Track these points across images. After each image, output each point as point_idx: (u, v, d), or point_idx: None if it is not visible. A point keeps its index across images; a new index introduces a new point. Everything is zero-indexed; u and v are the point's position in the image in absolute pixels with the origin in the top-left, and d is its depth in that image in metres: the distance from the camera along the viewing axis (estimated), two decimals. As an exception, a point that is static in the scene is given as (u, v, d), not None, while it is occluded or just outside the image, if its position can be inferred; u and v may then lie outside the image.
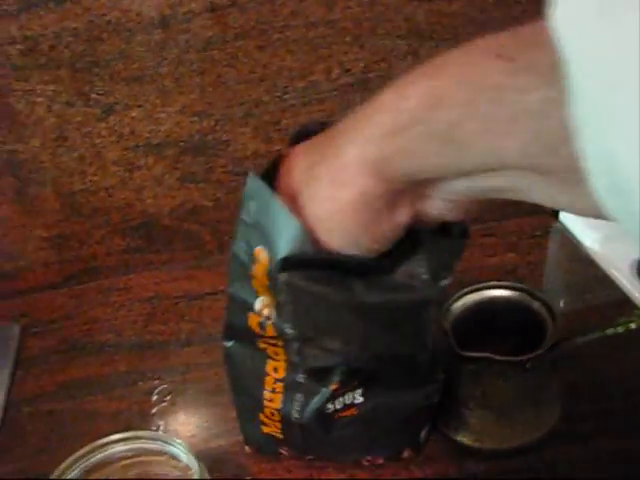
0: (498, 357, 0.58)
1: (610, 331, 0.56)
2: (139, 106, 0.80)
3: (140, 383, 0.75)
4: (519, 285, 0.64)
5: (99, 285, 0.89)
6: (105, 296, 0.88)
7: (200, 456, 0.55)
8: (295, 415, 0.57)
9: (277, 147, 0.83)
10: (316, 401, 0.56)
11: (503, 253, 0.85)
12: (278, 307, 0.50)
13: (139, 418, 0.72)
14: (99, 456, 0.57)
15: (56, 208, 0.86)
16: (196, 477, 0.53)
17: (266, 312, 0.51)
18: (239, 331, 0.55)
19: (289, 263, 0.47)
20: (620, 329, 0.55)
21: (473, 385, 0.61)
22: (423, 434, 0.63)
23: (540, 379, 0.62)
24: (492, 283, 0.65)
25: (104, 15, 0.76)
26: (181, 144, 0.83)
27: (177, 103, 0.81)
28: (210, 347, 0.77)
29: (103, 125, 0.81)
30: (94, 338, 0.83)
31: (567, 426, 0.63)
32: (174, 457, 0.54)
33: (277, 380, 0.57)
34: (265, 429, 0.61)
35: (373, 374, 0.55)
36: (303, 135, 0.50)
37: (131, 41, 0.77)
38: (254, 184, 0.48)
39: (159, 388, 0.74)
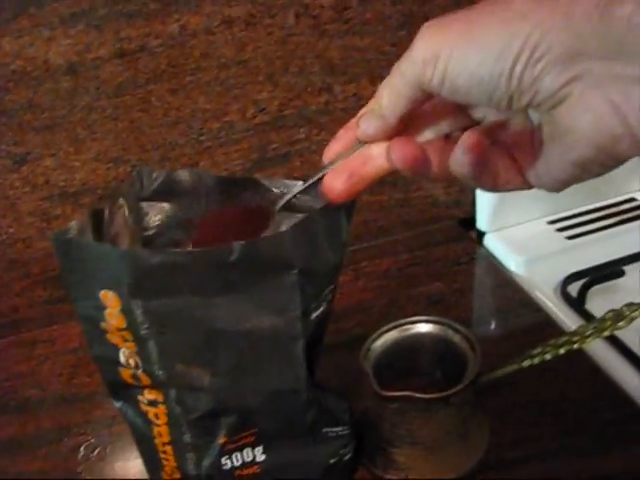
0: (420, 395, 0.58)
1: (526, 363, 0.56)
2: (52, 155, 0.79)
3: (65, 439, 0.73)
4: (440, 319, 0.64)
5: (22, 338, 0.87)
6: (28, 349, 0.86)
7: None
8: (193, 473, 0.56)
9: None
10: (209, 458, 0.55)
11: (429, 282, 0.86)
12: (141, 350, 0.49)
13: (65, 476, 0.70)
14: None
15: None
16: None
17: (132, 362, 0.50)
18: (120, 389, 0.53)
19: (137, 287, 0.46)
20: (536, 360, 0.55)
21: (398, 423, 0.61)
22: None
23: (465, 412, 0.62)
24: (413, 318, 0.65)
25: (8, 64, 0.74)
26: (98, 191, 0.82)
27: (91, 150, 0.80)
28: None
29: (16, 176, 0.79)
30: (17, 395, 0.80)
31: (496, 455, 0.63)
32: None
33: (165, 444, 0.56)
34: None
35: (264, 429, 0.54)
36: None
37: (39, 90, 0.76)
38: (61, 244, 0.47)
39: (85, 443, 0.72)
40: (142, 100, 0.78)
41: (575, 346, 0.54)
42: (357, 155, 0.46)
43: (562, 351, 0.55)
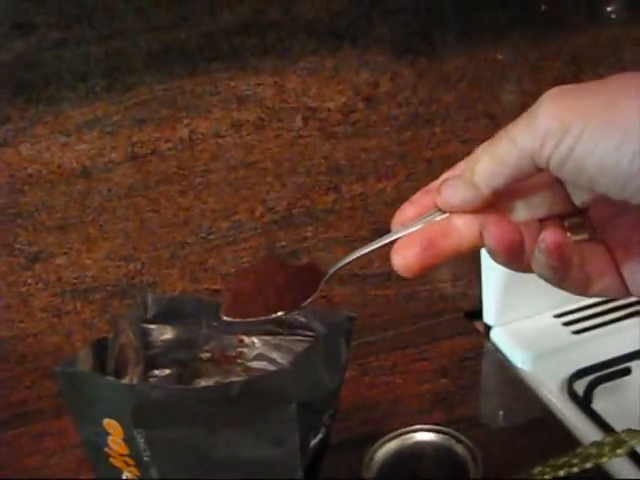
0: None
1: (529, 483, 0.56)
2: (64, 253, 0.81)
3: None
4: (442, 428, 0.65)
5: (31, 430, 0.88)
6: (37, 442, 0.86)
7: None
8: None
9: (204, 286, 0.84)
10: None
11: (435, 379, 0.86)
12: (143, 476, 0.50)
13: None
14: None
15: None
16: None
17: None
18: None
19: (139, 418, 0.46)
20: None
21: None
22: None
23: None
24: (415, 427, 0.65)
25: (25, 168, 0.76)
26: (109, 288, 0.83)
27: (102, 249, 0.81)
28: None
29: (29, 273, 0.81)
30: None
31: None
32: None
33: None
34: None
35: None
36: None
37: (53, 192, 0.78)
38: (65, 376, 0.48)
39: None
40: (152, 201, 0.80)
41: (575, 469, 0.54)
42: (435, 225, 0.40)
43: (562, 473, 0.55)
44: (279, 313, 0.43)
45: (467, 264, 0.94)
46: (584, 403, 0.80)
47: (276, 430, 0.47)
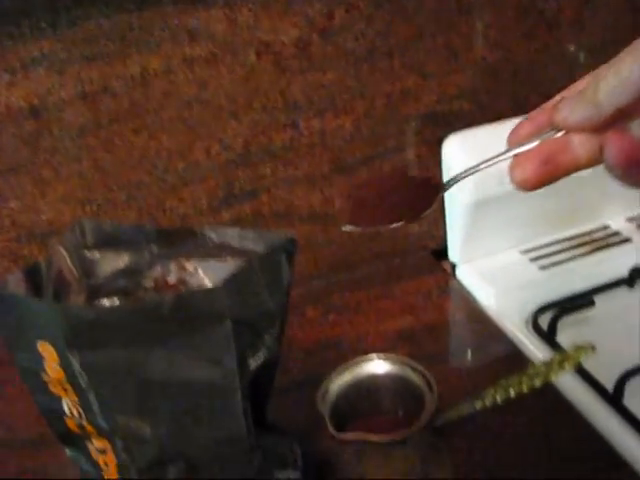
0: (375, 437, 0.57)
1: (479, 404, 0.55)
2: (17, 197, 0.79)
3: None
4: (398, 357, 0.64)
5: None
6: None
7: None
8: None
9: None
10: None
11: (400, 317, 0.85)
12: (82, 401, 0.49)
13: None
14: None
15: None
16: None
17: (75, 412, 0.50)
18: (69, 438, 0.53)
19: (73, 340, 0.45)
20: (487, 402, 0.55)
21: (355, 466, 0.60)
22: None
23: (424, 454, 0.61)
24: (370, 356, 0.64)
25: (-30, 109, 0.75)
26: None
27: (57, 192, 0.80)
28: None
29: (-18, 219, 0.80)
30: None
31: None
32: None
33: None
34: None
35: (212, 474, 0.53)
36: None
37: (2, 133, 0.76)
38: None
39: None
40: (106, 141, 0.78)
41: (524, 388, 0.53)
42: (552, 141, 0.41)
43: (512, 392, 0.54)
44: (399, 223, 0.45)
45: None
46: (548, 336, 0.79)
47: (212, 348, 0.46)
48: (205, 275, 0.54)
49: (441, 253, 0.95)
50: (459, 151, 0.87)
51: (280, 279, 0.50)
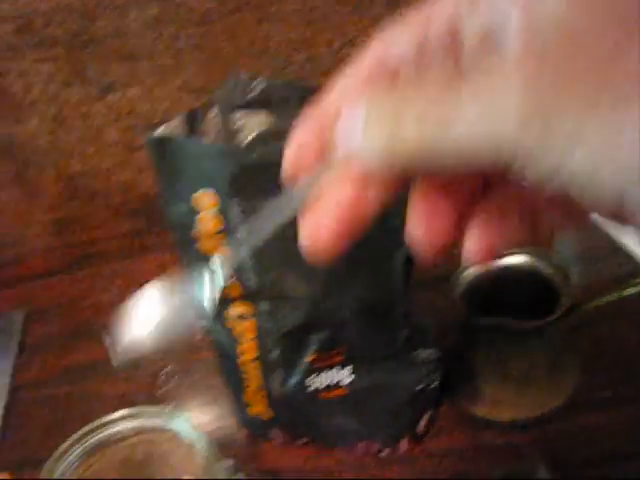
0: (514, 323, 0.56)
1: (627, 292, 0.54)
2: (137, 84, 0.79)
3: (145, 365, 0.74)
4: (532, 250, 0.62)
5: (101, 270, 0.88)
6: (107, 281, 0.86)
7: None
8: (277, 392, 0.55)
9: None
10: (295, 376, 0.55)
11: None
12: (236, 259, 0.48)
13: (145, 400, 0.70)
14: (99, 436, 0.55)
15: (56, 192, 0.85)
16: (201, 454, 0.51)
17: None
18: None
19: (236, 185, 0.44)
20: (632, 290, 0.53)
21: (488, 354, 0.59)
22: (422, 423, 0.61)
23: (557, 346, 0.60)
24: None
25: (97, -9, 0.74)
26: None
27: (175, 80, 0.79)
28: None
29: (101, 104, 0.80)
30: (98, 322, 0.81)
31: (585, 395, 0.61)
32: (179, 434, 0.53)
33: (251, 361, 0.55)
34: (251, 410, 0.59)
35: (355, 347, 0.53)
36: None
37: (126, 17, 0.75)
38: (157, 145, 0.47)
39: (165, 370, 0.73)
40: (228, 29, 0.77)
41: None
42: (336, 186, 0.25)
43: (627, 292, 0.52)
44: None
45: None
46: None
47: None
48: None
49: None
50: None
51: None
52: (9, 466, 0.58)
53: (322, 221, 0.25)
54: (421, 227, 0.25)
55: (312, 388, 0.54)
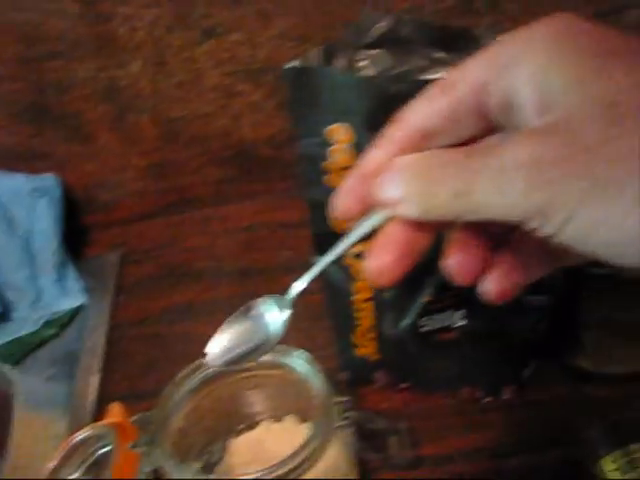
0: (625, 272, 0.55)
1: None
2: (239, 30, 0.79)
3: (241, 306, 0.75)
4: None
5: (196, 215, 0.89)
6: (202, 225, 0.88)
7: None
8: (388, 333, 0.56)
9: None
10: (408, 317, 0.55)
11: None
12: None
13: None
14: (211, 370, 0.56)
15: (153, 136, 0.86)
16: (315, 389, 0.52)
17: None
18: (327, 241, 0.53)
19: (374, 118, 0.43)
20: None
21: (596, 305, 0.59)
22: (526, 372, 0.61)
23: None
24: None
25: None
26: (278, 70, 0.81)
27: (277, 27, 0.79)
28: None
29: (203, 50, 0.80)
30: (193, 265, 0.83)
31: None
32: (294, 369, 0.53)
33: (366, 300, 0.56)
34: (359, 351, 0.60)
35: (469, 290, 0.53)
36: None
37: (231, -42, 0.75)
38: (294, 74, 0.46)
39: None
40: (334, -26, 0.77)
41: None
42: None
43: None
44: None
45: None
46: None
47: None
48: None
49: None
50: None
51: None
52: (114, 399, 0.60)
53: (385, 258, 0.30)
54: (455, 258, 0.30)
55: (423, 330, 0.55)
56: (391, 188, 0.28)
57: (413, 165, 0.28)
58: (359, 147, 0.46)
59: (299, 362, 0.53)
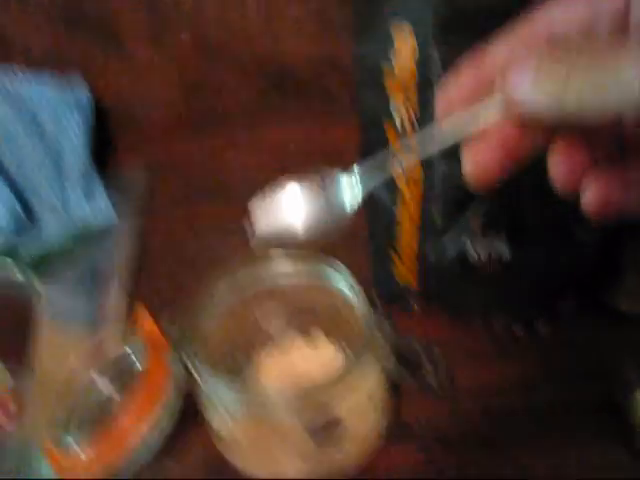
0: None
1: None
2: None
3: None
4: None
5: (230, 136, 0.87)
6: (236, 146, 0.86)
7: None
8: (432, 260, 0.55)
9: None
10: (454, 244, 0.54)
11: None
12: (422, 108, 0.46)
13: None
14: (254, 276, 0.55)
15: (192, 54, 0.84)
16: (357, 307, 0.51)
17: (405, 118, 0.47)
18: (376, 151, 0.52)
19: (442, 29, 0.42)
20: None
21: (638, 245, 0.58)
22: (565, 307, 0.60)
23: None
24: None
25: None
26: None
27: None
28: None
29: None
30: (224, 184, 0.81)
31: None
32: (335, 287, 0.53)
33: (411, 225, 0.55)
34: (399, 277, 0.59)
35: (517, 220, 0.52)
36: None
37: None
38: None
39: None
40: None
41: None
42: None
43: None
44: None
45: None
46: None
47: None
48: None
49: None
50: None
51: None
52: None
53: (488, 154, 0.29)
54: (559, 166, 0.29)
55: (472, 259, 0.54)
56: (524, 82, 0.26)
57: (549, 55, 0.27)
58: (422, 60, 0.45)
59: (339, 278, 0.52)
